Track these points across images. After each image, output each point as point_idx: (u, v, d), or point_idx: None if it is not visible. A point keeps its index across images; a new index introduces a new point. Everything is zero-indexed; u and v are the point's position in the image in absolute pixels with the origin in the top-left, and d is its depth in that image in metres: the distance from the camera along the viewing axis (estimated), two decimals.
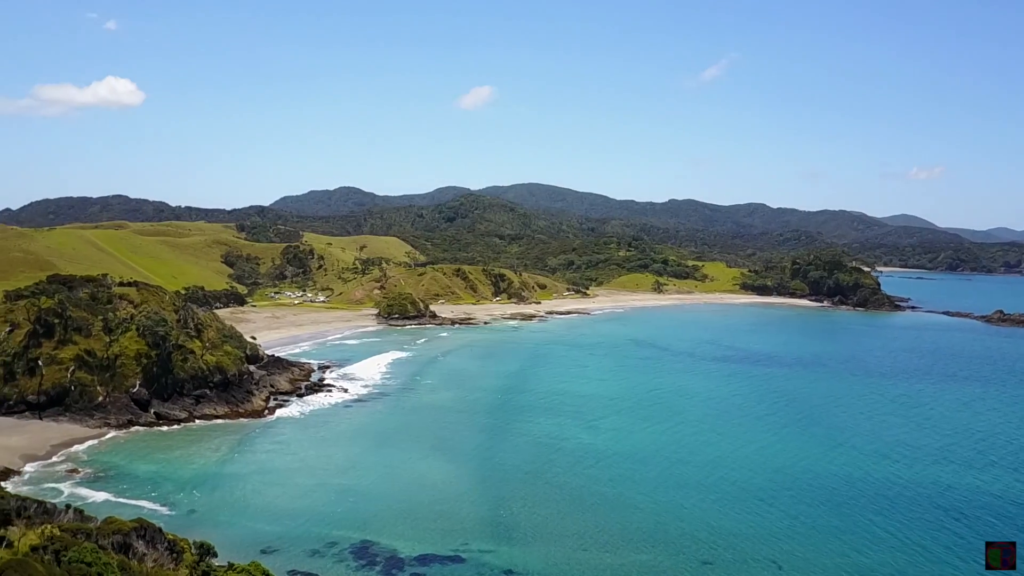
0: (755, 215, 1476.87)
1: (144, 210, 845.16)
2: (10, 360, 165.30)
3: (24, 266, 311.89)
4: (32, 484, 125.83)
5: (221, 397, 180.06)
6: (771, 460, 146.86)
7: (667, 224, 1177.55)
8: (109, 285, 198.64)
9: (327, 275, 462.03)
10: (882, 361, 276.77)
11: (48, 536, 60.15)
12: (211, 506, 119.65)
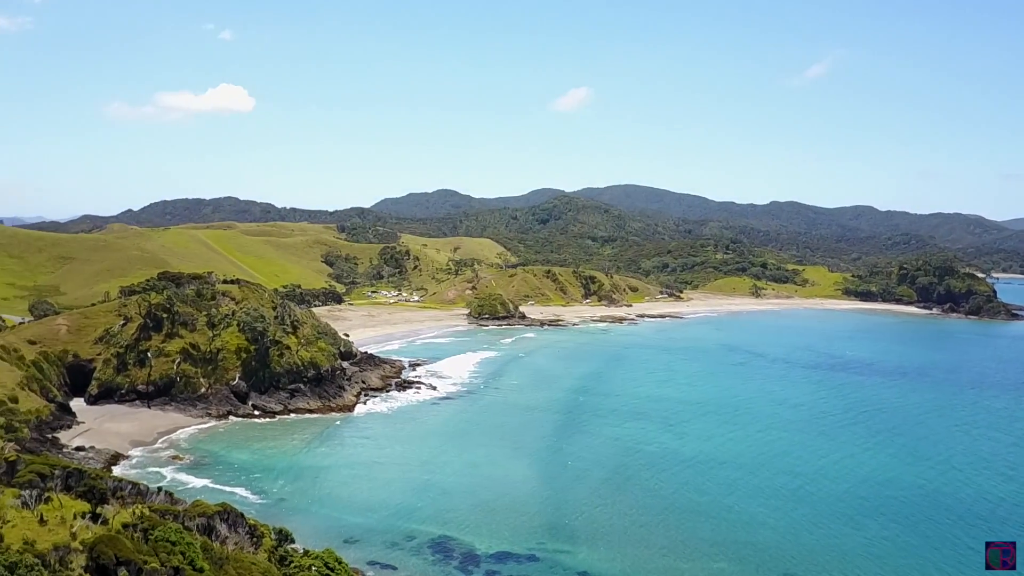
0: (861, 218, 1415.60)
1: (252, 211, 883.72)
2: (123, 352, 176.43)
3: (141, 264, 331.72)
4: (139, 468, 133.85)
5: (314, 392, 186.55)
6: (858, 472, 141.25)
7: (768, 226, 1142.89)
8: (213, 282, 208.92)
9: (422, 275, 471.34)
10: (990, 372, 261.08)
11: (139, 515, 64.25)
12: (299, 496, 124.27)
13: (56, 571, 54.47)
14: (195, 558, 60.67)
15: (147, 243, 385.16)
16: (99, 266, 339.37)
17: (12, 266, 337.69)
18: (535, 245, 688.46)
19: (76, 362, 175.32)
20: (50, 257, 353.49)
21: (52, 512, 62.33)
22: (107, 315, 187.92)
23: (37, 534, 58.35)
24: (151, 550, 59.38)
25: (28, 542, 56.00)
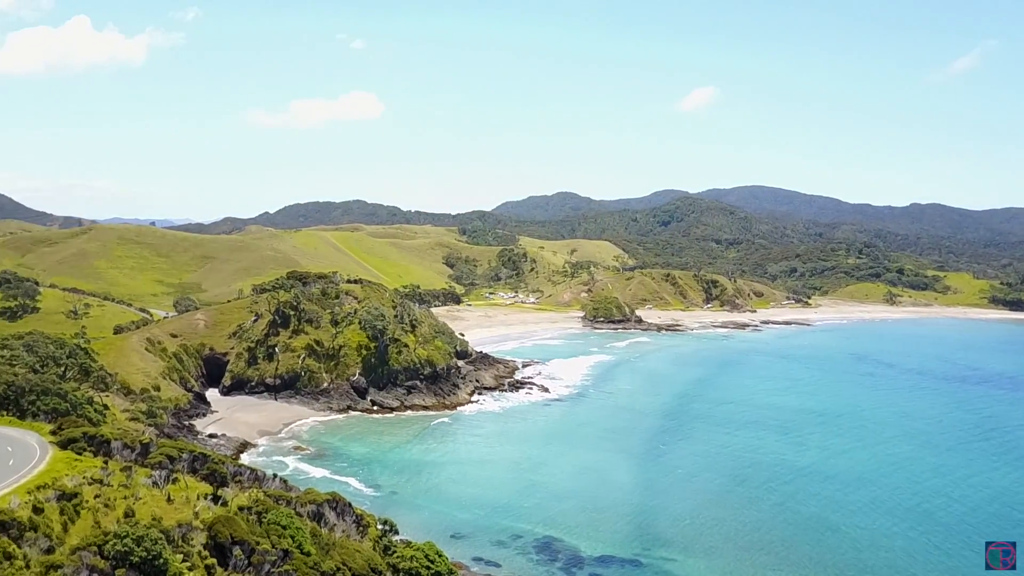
0: (1013, 221, 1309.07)
1: (379, 214, 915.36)
2: (254, 346, 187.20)
3: (274, 263, 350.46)
4: (264, 456, 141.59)
5: (430, 389, 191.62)
6: (985, 491, 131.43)
7: (907, 230, 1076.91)
8: (337, 282, 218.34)
9: (538, 277, 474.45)
10: None
11: (254, 499, 68.22)
12: (411, 489, 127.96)
13: (179, 546, 58.65)
14: (303, 542, 63.83)
15: (280, 244, 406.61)
16: (237, 265, 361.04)
17: (161, 264, 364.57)
18: (655, 248, 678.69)
19: (212, 355, 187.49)
20: (194, 256, 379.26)
21: (178, 492, 67.11)
22: (240, 311, 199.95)
23: (164, 511, 62.99)
24: (264, 532, 62.94)
25: (156, 518, 60.54)
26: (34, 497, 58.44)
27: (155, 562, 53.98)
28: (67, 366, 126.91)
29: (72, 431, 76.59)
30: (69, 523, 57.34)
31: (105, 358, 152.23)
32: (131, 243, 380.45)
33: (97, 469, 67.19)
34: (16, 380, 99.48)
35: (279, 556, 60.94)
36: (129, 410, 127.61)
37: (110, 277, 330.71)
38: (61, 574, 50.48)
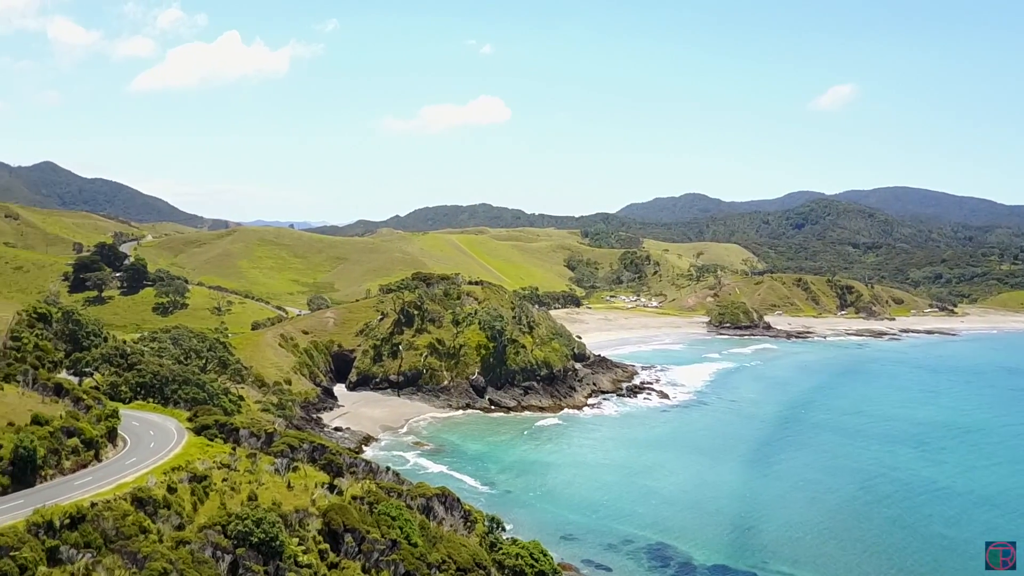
0: None
1: (504, 217, 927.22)
2: (379, 344, 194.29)
3: (402, 265, 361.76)
4: (386, 451, 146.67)
5: (546, 390, 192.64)
6: None
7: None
8: (459, 283, 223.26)
9: (661, 281, 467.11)
10: None
11: (367, 490, 71.01)
12: (525, 489, 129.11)
13: (295, 530, 61.91)
14: (411, 533, 65.88)
15: (408, 246, 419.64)
16: (367, 266, 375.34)
17: (297, 265, 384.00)
18: (787, 251, 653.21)
19: (340, 351, 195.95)
20: (328, 257, 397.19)
21: (298, 480, 70.77)
22: (367, 310, 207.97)
23: (284, 497, 66.61)
24: (374, 522, 65.45)
25: (275, 503, 64.14)
26: (169, 478, 63.18)
27: (272, 544, 57.24)
28: (207, 359, 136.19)
29: (205, 418, 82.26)
30: (198, 503, 61.66)
31: (242, 352, 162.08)
32: (270, 244, 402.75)
33: (226, 455, 71.82)
34: (161, 370, 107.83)
35: (387, 545, 63.18)
36: (261, 401, 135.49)
37: (251, 276, 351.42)
38: (188, 550, 54.37)
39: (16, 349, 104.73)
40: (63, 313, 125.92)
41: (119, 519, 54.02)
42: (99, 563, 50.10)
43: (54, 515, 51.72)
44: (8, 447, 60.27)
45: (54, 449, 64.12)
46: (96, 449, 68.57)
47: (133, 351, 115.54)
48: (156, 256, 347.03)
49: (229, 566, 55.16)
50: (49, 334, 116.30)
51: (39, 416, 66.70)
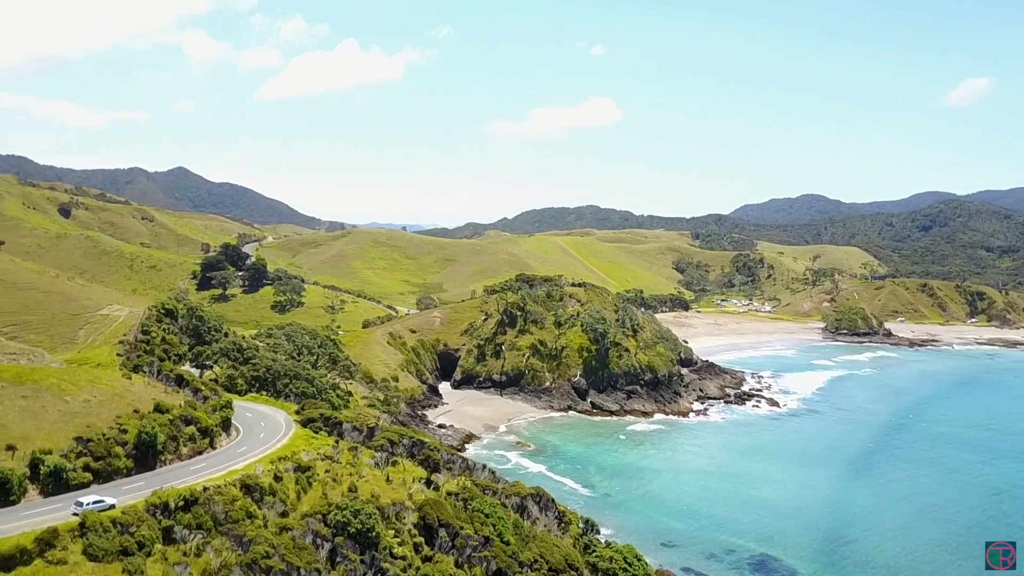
0: None
1: (611, 219, 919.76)
2: (483, 344, 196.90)
3: (508, 266, 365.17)
4: (487, 449, 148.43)
5: (650, 395, 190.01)
6: None
7: None
8: (562, 284, 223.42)
9: (775, 285, 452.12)
10: None
11: (462, 486, 72.19)
12: (625, 493, 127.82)
13: (392, 523, 63.70)
14: (504, 531, 66.52)
15: (514, 248, 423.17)
16: (474, 267, 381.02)
17: (408, 266, 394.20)
18: (912, 255, 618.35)
19: (445, 350, 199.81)
20: (437, 259, 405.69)
21: (396, 474, 72.73)
22: (472, 310, 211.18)
23: (382, 490, 68.63)
24: (468, 518, 66.49)
25: (374, 495, 66.20)
26: (276, 467, 66.27)
27: (369, 534, 59.11)
28: (318, 355, 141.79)
29: (311, 412, 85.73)
30: (302, 492, 64.39)
31: (352, 349, 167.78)
32: (383, 246, 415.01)
33: (329, 447, 74.64)
34: (274, 365, 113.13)
35: (480, 542, 64.04)
36: (368, 397, 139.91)
37: (364, 276, 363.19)
38: (290, 536, 56.90)
39: (145, 342, 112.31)
40: (188, 309, 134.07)
41: (228, 504, 57.15)
42: (208, 544, 53.15)
43: (170, 497, 55.28)
44: (132, 432, 64.82)
45: (173, 436, 68.43)
46: (211, 437, 72.67)
47: (249, 346, 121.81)
48: (276, 256, 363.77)
49: (328, 554, 57.32)
50: (175, 329, 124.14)
51: (161, 404, 71.32)
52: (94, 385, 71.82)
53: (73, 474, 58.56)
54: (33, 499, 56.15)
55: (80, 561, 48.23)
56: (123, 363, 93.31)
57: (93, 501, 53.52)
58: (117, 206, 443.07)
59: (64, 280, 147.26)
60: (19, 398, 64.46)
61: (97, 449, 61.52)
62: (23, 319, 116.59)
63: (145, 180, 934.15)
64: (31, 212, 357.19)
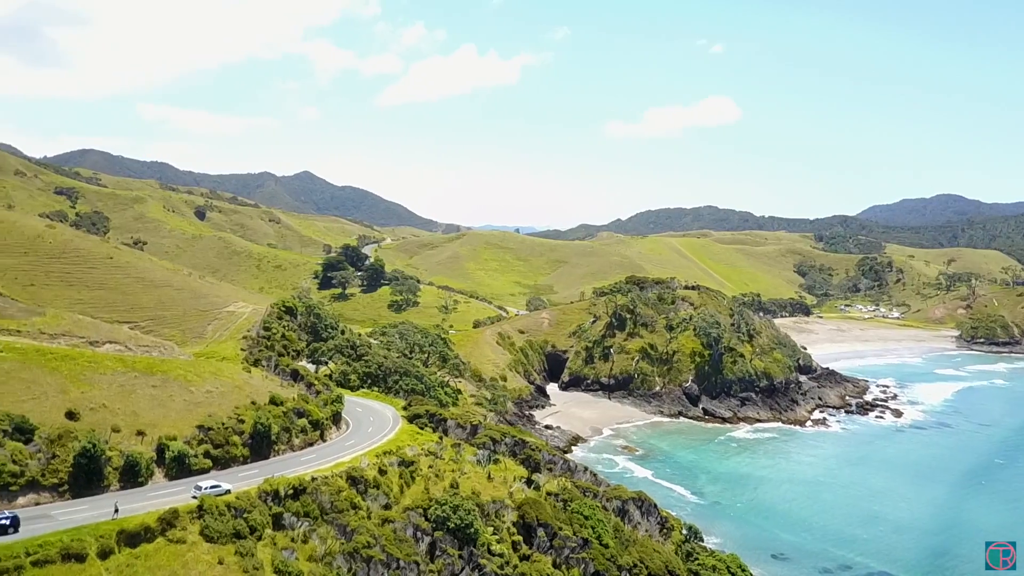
0: None
1: (730, 220, 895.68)
2: (591, 346, 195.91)
3: (620, 268, 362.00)
4: (594, 452, 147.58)
5: (765, 402, 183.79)
6: None
7: None
8: (674, 287, 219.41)
9: (904, 290, 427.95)
10: None
11: (563, 487, 72.11)
12: (735, 502, 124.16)
13: (491, 520, 64.37)
14: (604, 534, 66.00)
15: (626, 249, 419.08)
16: (585, 269, 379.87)
17: (519, 267, 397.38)
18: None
19: (553, 352, 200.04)
20: (548, 260, 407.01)
21: (498, 472, 73.46)
22: (580, 312, 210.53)
23: (483, 487, 69.49)
24: (567, 519, 66.35)
25: (475, 492, 67.14)
26: (381, 460, 68.30)
27: (467, 530, 59.99)
28: (429, 353, 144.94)
29: (417, 408, 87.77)
30: (405, 486, 66.07)
31: (462, 348, 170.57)
32: (495, 247, 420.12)
33: (433, 443, 76.23)
34: (385, 362, 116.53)
35: (579, 543, 63.80)
36: (475, 395, 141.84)
37: (477, 277, 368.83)
38: (392, 528, 58.49)
39: (266, 338, 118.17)
40: (307, 307, 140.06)
41: (334, 494, 59.34)
42: (314, 531, 55.38)
43: (280, 485, 57.96)
44: (249, 423, 68.33)
45: (286, 427, 71.66)
46: (322, 430, 75.62)
47: (362, 343, 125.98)
48: (393, 257, 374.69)
49: (428, 547, 58.58)
50: (294, 326, 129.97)
51: (276, 397, 74.83)
52: (216, 377, 76.16)
53: (194, 460, 62.34)
54: (159, 481, 60.16)
55: (197, 541, 51.27)
56: (245, 357, 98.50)
57: (211, 486, 56.83)
58: (247, 208, 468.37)
59: (195, 278, 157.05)
60: (149, 387, 69.15)
61: (217, 437, 65.21)
62: (158, 314, 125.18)
63: (273, 184, 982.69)
64: (170, 215, 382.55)
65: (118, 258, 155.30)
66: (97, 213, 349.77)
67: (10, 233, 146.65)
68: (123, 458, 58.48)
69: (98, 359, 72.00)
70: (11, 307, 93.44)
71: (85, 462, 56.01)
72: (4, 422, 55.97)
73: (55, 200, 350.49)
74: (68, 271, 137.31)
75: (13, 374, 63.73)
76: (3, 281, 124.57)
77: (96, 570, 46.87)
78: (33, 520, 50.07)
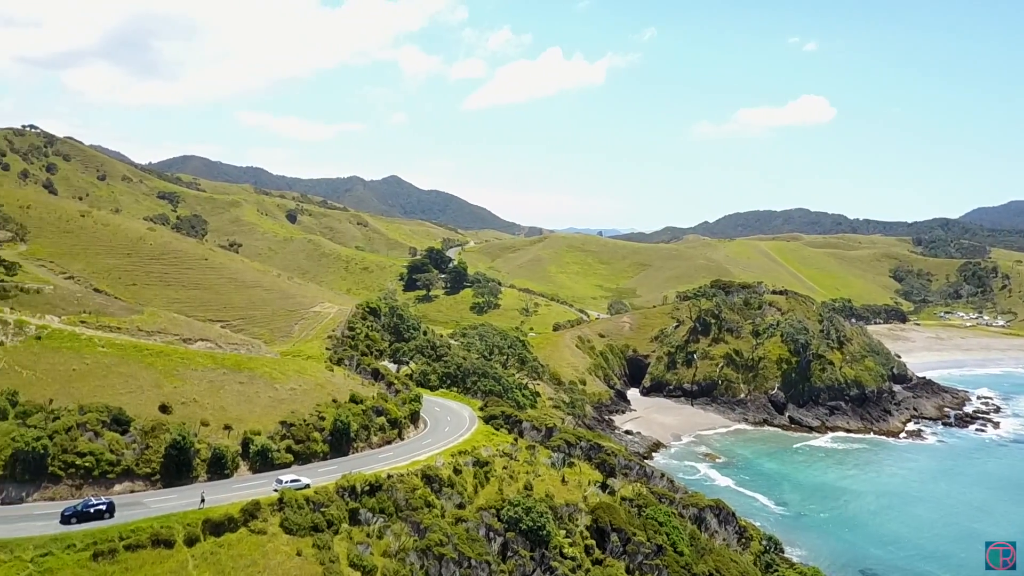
0: None
1: (822, 223, 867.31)
2: (673, 351, 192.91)
3: (705, 272, 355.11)
4: (675, 459, 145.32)
5: (856, 412, 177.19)
6: None
7: None
8: (761, 292, 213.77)
9: (1011, 297, 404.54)
10: None
11: (637, 492, 71.30)
12: (821, 514, 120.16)
13: (564, 523, 64.23)
14: (678, 541, 64.94)
15: (713, 253, 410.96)
16: (669, 273, 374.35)
17: (601, 270, 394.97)
18: None
19: (634, 356, 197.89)
20: (631, 263, 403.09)
21: (572, 475, 73.27)
22: (663, 317, 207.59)
23: (557, 490, 69.45)
24: (641, 525, 65.58)
25: (548, 495, 67.16)
26: (456, 460, 69.10)
27: (539, 532, 60.03)
28: (508, 355, 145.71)
29: (493, 409, 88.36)
30: (479, 486, 66.65)
31: (540, 351, 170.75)
32: (577, 250, 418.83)
33: (508, 444, 76.63)
34: (464, 363, 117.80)
35: (653, 550, 62.98)
36: (554, 398, 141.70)
37: (558, 280, 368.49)
38: (465, 527, 59.08)
39: (350, 338, 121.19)
40: (390, 308, 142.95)
41: (409, 492, 60.42)
42: (389, 528, 56.49)
43: (357, 481, 59.37)
44: (329, 420, 70.25)
45: (365, 425, 73.32)
46: (399, 428, 77.04)
47: (441, 344, 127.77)
48: (476, 260, 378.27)
49: (500, 547, 58.90)
50: (378, 326, 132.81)
51: (356, 395, 76.69)
52: (300, 375, 78.64)
53: (277, 454, 64.53)
54: (243, 474, 62.55)
55: (277, 533, 53.07)
56: (329, 357, 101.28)
57: (291, 480, 58.72)
58: (336, 212, 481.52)
59: (285, 279, 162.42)
60: (237, 384, 71.99)
61: (298, 433, 67.30)
62: (248, 313, 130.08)
63: (362, 188, 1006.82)
64: (264, 218, 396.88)
65: (212, 259, 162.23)
66: (196, 216, 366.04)
67: (115, 236, 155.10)
68: (210, 450, 61.08)
69: (190, 356, 75.38)
70: (113, 305, 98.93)
71: (176, 453, 58.81)
72: (103, 413, 59.35)
73: (158, 204, 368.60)
74: (166, 271, 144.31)
75: (113, 368, 67.45)
76: (108, 280, 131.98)
77: (183, 556, 49.12)
78: (127, 507, 52.91)
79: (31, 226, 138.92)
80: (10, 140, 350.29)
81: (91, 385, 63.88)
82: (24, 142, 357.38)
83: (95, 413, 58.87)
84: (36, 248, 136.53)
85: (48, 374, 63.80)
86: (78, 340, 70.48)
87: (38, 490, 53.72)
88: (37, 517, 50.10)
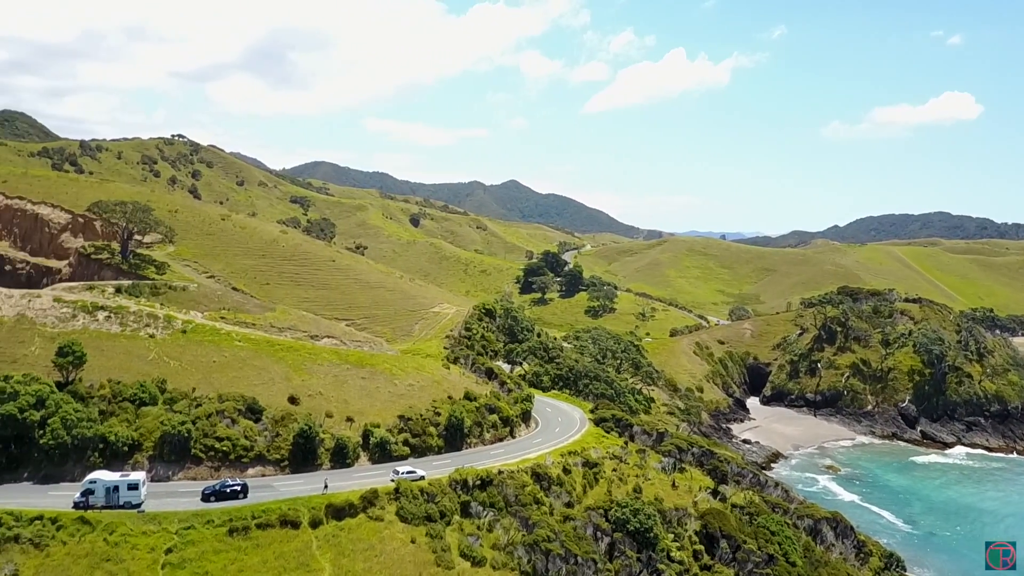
0: None
1: (965, 227, 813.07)
2: (796, 360, 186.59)
3: (833, 278, 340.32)
4: (796, 470, 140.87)
5: (996, 428, 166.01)
6: None
7: None
8: (892, 299, 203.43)
9: None
10: None
11: (749, 500, 70.18)
12: (953, 534, 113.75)
13: (672, 527, 64.15)
14: (791, 552, 63.58)
15: (842, 258, 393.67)
16: (795, 279, 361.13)
17: (723, 275, 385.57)
18: None
19: (755, 364, 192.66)
20: (755, 268, 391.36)
21: (683, 480, 72.90)
22: (785, 324, 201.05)
23: (666, 495, 69.35)
24: (752, 533, 64.60)
25: (657, 498, 67.23)
26: (565, 460, 70.26)
27: (647, 534, 60.30)
28: (622, 360, 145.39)
29: (604, 412, 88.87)
30: (588, 486, 67.54)
31: (656, 357, 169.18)
32: (698, 254, 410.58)
33: (618, 447, 77.08)
34: (576, 366, 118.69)
35: (764, 559, 61.96)
36: (668, 404, 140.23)
37: (677, 285, 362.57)
38: (572, 525, 60.11)
39: (467, 338, 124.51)
40: (505, 310, 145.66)
41: (518, 488, 62.04)
42: (498, 522, 58.27)
43: (469, 476, 61.56)
44: (444, 415, 72.94)
45: (478, 422, 75.64)
46: (511, 426, 78.93)
47: (554, 346, 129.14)
48: (592, 264, 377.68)
49: (607, 547, 59.60)
50: (493, 327, 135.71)
51: (470, 393, 79.18)
52: (418, 372, 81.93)
53: (395, 447, 67.71)
54: (363, 464, 66.06)
55: (393, 520, 55.91)
56: (446, 355, 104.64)
57: (407, 471, 61.59)
58: (457, 216, 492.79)
59: (407, 281, 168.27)
60: (359, 379, 75.91)
61: (415, 427, 70.30)
62: (372, 313, 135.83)
63: (482, 192, 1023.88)
64: (388, 222, 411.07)
65: (339, 261, 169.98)
66: (325, 220, 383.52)
67: (252, 238, 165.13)
68: (334, 441, 64.89)
69: (317, 351, 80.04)
70: (249, 303, 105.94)
71: (303, 442, 62.94)
72: (239, 402, 64.23)
73: (290, 208, 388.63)
74: (297, 272, 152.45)
75: (248, 362, 72.68)
76: (245, 280, 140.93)
77: (307, 537, 52.68)
78: (258, 489, 57.19)
79: (178, 228, 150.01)
80: (161, 149, 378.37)
81: (229, 376, 69.13)
82: (173, 150, 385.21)
83: (232, 402, 63.77)
84: (182, 249, 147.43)
85: (192, 364, 69.54)
86: (218, 334, 76.28)
87: (182, 470, 58.92)
88: (181, 494, 55.06)
